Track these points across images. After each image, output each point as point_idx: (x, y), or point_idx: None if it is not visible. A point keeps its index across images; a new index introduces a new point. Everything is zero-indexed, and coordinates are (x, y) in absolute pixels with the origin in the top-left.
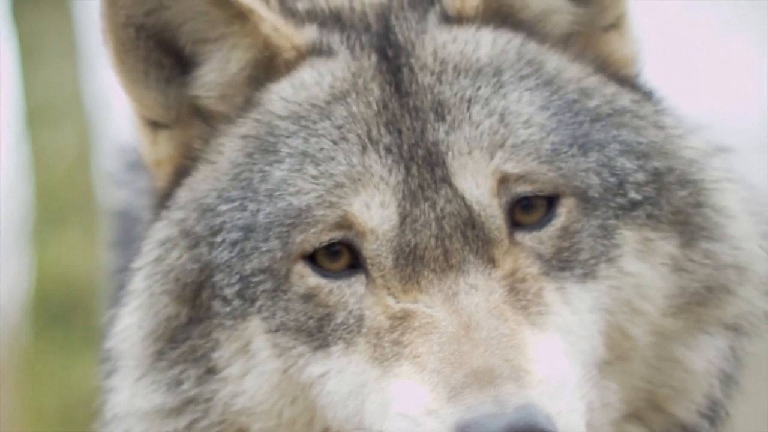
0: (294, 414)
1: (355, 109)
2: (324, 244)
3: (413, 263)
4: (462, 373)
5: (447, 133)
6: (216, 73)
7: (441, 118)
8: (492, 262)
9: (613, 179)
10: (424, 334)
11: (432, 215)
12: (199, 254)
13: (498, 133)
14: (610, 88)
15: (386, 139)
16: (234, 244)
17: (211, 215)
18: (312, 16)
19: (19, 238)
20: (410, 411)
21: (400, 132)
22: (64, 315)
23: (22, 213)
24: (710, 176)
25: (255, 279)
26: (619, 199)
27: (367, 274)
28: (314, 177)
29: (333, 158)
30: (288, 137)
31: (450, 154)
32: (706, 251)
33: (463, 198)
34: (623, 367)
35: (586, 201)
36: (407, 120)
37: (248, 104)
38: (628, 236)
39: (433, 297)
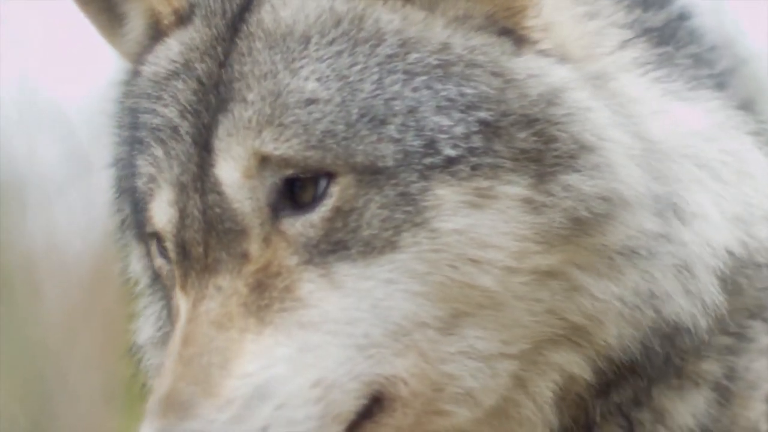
0: None
1: (181, 86)
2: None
3: (185, 261)
4: (154, 397)
5: (224, 114)
6: (133, 33)
7: (229, 96)
8: (245, 257)
9: (418, 141)
10: (170, 343)
11: (201, 207)
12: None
13: (267, 113)
14: (443, 35)
15: (188, 122)
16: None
17: (125, 178)
18: None
19: None
20: None
21: (200, 113)
22: None
23: None
24: (564, 110)
25: (150, 243)
26: (428, 159)
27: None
28: (143, 165)
29: (151, 146)
30: (139, 116)
31: (216, 138)
32: (565, 184)
33: (220, 184)
34: (491, 314)
35: (375, 173)
36: (211, 98)
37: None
38: (444, 194)
39: (188, 300)
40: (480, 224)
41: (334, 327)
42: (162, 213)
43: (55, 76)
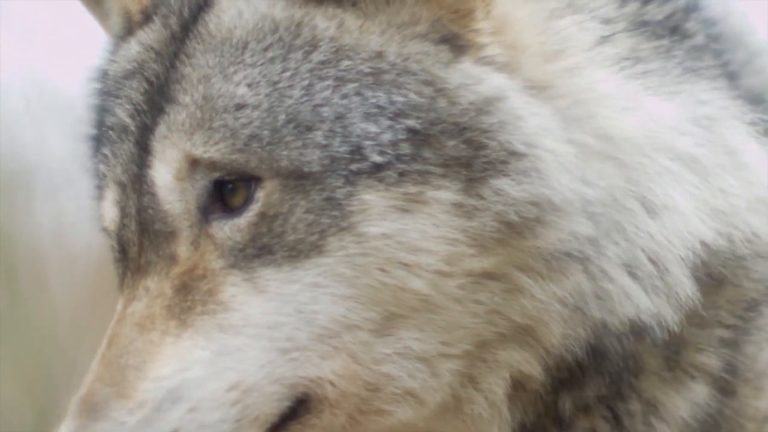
0: None
1: (135, 86)
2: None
3: (124, 261)
4: (75, 397)
5: (162, 116)
6: (112, 30)
7: (169, 98)
8: (174, 259)
9: (344, 147)
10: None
11: (137, 208)
12: None
13: (199, 117)
14: (378, 43)
15: (135, 122)
16: None
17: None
18: None
19: None
20: None
21: (145, 114)
22: None
23: None
24: (495, 119)
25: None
26: (355, 165)
27: None
28: (98, 163)
29: (104, 145)
30: (102, 115)
31: (153, 139)
32: (495, 188)
33: (154, 185)
34: (427, 316)
35: (301, 178)
36: (156, 99)
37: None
38: (371, 199)
39: (122, 301)
40: (409, 228)
41: (255, 331)
42: (107, 212)
43: (62, 66)
